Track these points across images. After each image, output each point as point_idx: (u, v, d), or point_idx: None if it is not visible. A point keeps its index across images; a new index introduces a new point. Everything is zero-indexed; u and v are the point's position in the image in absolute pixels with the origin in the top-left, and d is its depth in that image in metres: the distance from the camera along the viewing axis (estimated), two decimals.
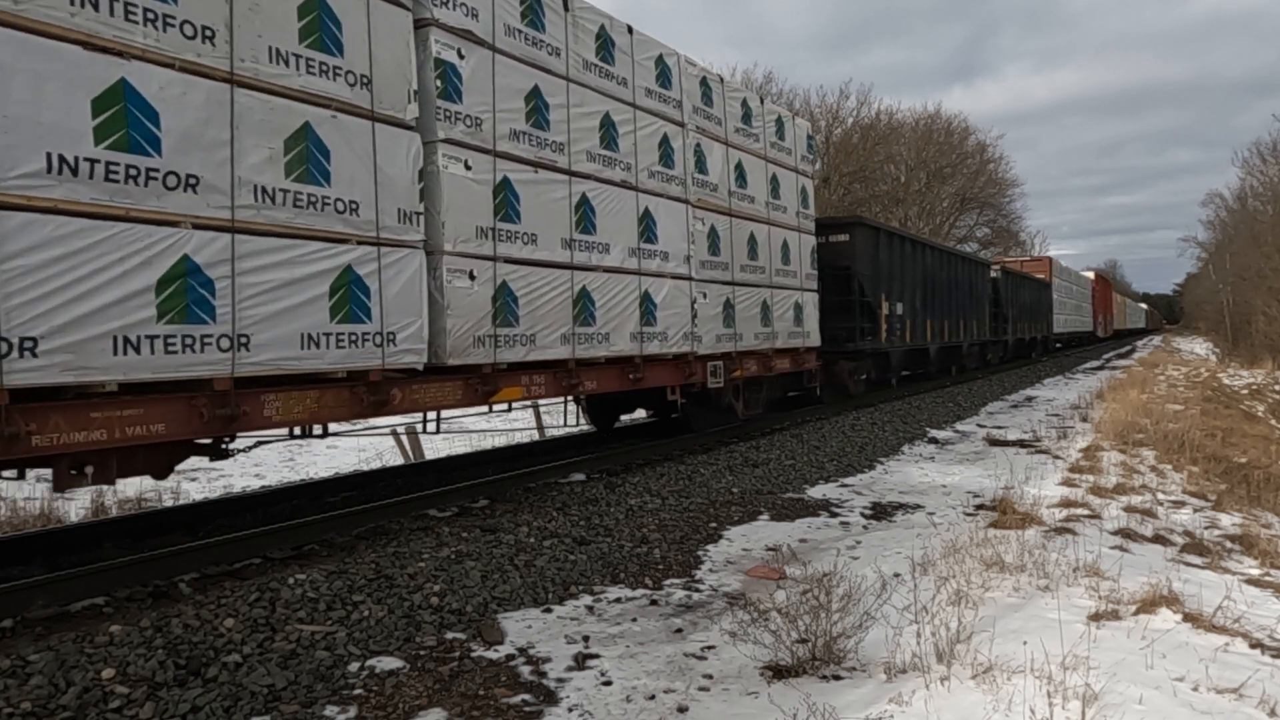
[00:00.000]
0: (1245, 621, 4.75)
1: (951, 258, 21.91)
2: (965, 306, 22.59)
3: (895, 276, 16.80)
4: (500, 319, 6.81)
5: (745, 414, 11.51)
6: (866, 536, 7.20)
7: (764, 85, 38.28)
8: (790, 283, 12.21)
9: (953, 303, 21.29)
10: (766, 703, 3.90)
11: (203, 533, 6.46)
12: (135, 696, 3.75)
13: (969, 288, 23.08)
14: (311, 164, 5.32)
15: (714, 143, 10.26)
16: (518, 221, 7.02)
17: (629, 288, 8.41)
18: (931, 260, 19.62)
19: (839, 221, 16.12)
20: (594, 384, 8.08)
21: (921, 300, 18.51)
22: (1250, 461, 11.77)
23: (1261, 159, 44.66)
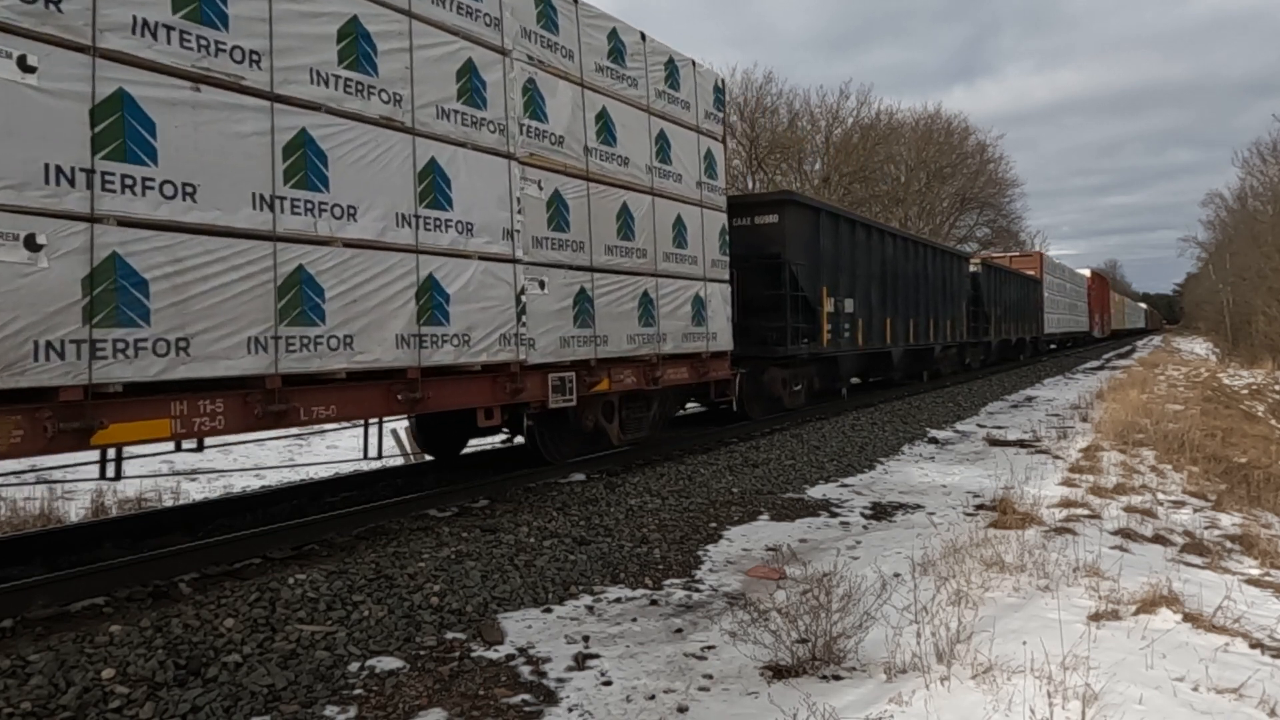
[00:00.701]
0: (1245, 621, 4.75)
1: (920, 248, 19.18)
2: (938, 304, 20.07)
3: (844, 268, 14.48)
4: (106, 315, 4.40)
5: (624, 439, 9.09)
6: (866, 536, 7.20)
7: (764, 85, 38.32)
8: (687, 271, 9.54)
9: (922, 300, 18.82)
10: (766, 703, 3.90)
11: (203, 533, 6.46)
12: (135, 696, 3.76)
13: (943, 283, 20.52)
14: None
15: (560, 81, 7.66)
16: (150, 163, 4.61)
17: (395, 271, 5.96)
18: (894, 250, 17.18)
19: (765, 199, 13.41)
20: (329, 409, 5.58)
21: (880, 296, 16.22)
22: (1250, 461, 11.77)
23: (1261, 159, 44.72)
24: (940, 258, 20.58)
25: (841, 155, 39.45)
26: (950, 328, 21.16)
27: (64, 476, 9.15)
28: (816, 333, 13.31)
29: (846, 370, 15.75)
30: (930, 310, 19.45)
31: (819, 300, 13.38)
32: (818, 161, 40.45)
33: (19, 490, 8.18)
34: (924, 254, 19.29)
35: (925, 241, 20.32)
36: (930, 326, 19.46)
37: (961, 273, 22.66)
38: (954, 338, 21.71)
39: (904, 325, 17.59)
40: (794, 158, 39.13)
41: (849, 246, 14.83)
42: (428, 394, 6.27)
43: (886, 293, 16.55)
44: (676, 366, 9.40)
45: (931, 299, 19.56)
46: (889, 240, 17.04)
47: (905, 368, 19.23)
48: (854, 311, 14.77)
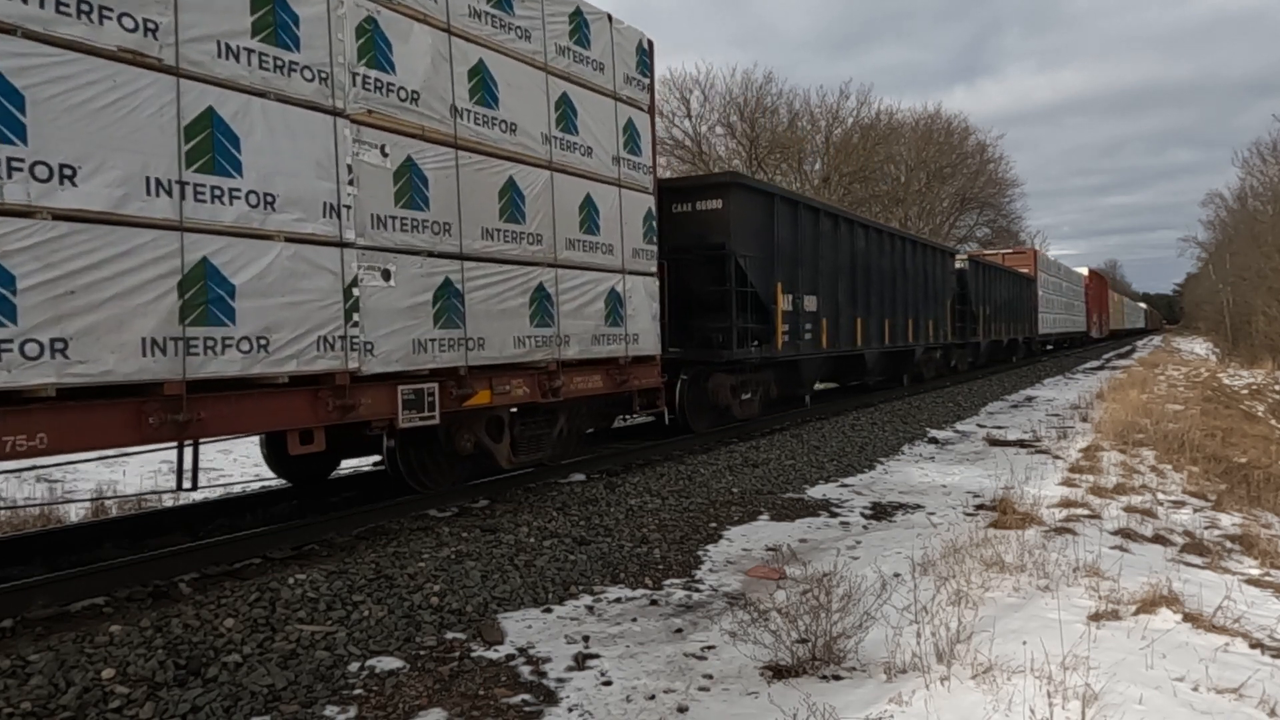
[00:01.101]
0: (1245, 621, 4.75)
1: (898, 241, 17.28)
2: (919, 303, 18.34)
3: (805, 261, 12.84)
4: None
5: (516, 460, 7.63)
6: (866, 536, 7.20)
7: (764, 85, 38.33)
8: (600, 261, 7.98)
9: (899, 298, 17.12)
10: (766, 703, 3.90)
11: (203, 533, 6.46)
12: (135, 696, 3.76)
13: (924, 280, 18.71)
14: None
15: (415, 24, 6.17)
16: None
17: (144, 253, 4.52)
18: (867, 243, 15.43)
19: (708, 182, 11.53)
20: (34, 441, 4.17)
21: (850, 293, 14.59)
22: (1250, 461, 11.77)
23: (1261, 159, 44.72)
24: (921, 252, 18.75)
25: (841, 155, 39.46)
26: (933, 328, 19.35)
27: (63, 476, 9.15)
28: (769, 334, 11.70)
29: (810, 375, 13.99)
30: (909, 309, 17.75)
31: (772, 297, 11.76)
32: (818, 161, 40.47)
33: (19, 490, 8.19)
34: (902, 248, 17.51)
35: (903, 234, 18.35)
36: (910, 327, 17.76)
37: (946, 269, 20.76)
38: (937, 339, 19.92)
39: (878, 325, 16.01)
40: (794, 158, 39.15)
41: (811, 237, 13.14)
42: (200, 414, 4.74)
43: (857, 290, 14.91)
44: (586, 374, 7.86)
45: (911, 297, 17.86)
46: (860, 231, 15.26)
47: (882, 371, 17.84)
48: (817, 310, 13.16)
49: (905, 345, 17.64)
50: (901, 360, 18.44)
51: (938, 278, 19.95)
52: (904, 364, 18.72)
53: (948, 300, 20.80)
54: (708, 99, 37.60)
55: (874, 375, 17.28)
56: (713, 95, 37.63)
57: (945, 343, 20.79)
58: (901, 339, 17.35)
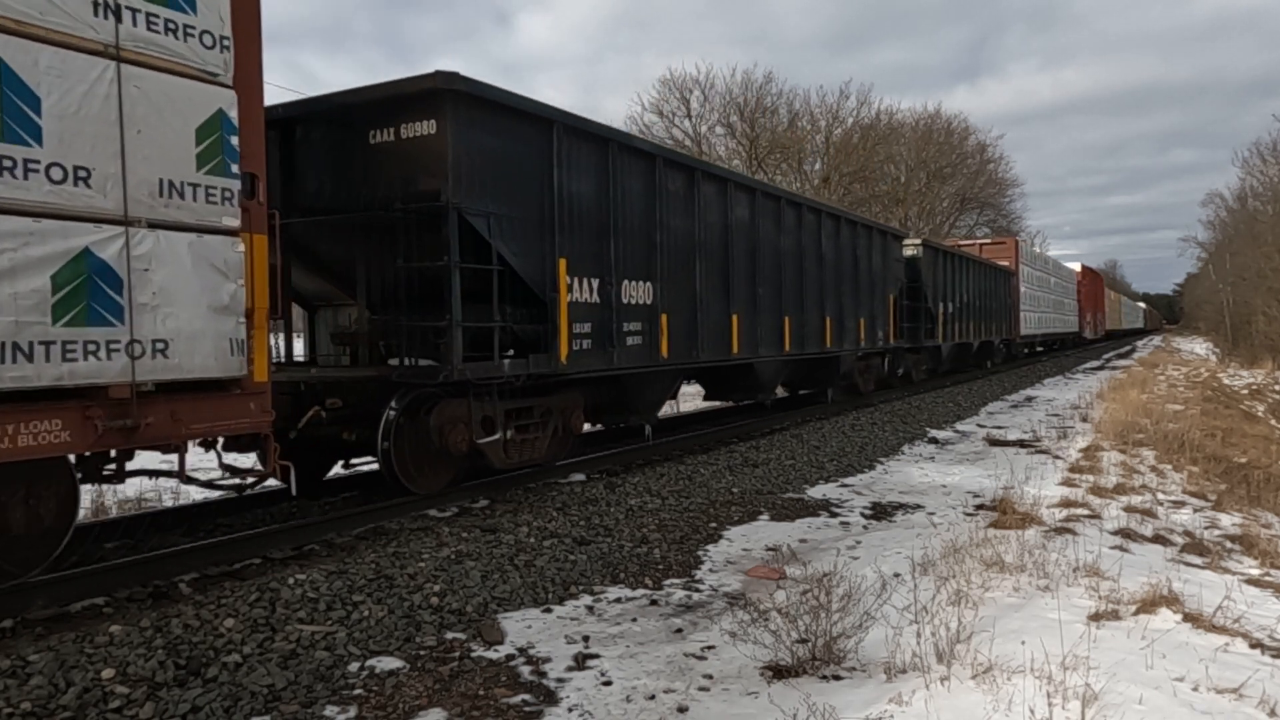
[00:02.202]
0: (1245, 621, 4.75)
1: (807, 214, 12.92)
2: (845, 297, 14.26)
3: (625, 229, 8.64)
4: None
5: None
6: (866, 536, 7.20)
7: (764, 85, 38.34)
8: (32, 199, 4.10)
9: (813, 289, 13.05)
10: (766, 703, 3.90)
11: (203, 533, 6.46)
12: (135, 696, 3.76)
13: (853, 267, 14.72)
14: None
15: None
16: None
17: None
18: (753, 212, 11.20)
19: (407, 90, 6.74)
20: None
21: (720, 281, 10.46)
22: (1250, 461, 11.77)
23: (1261, 159, 44.75)
24: (847, 231, 14.53)
25: (841, 155, 39.49)
26: (865, 329, 15.24)
27: None
28: (546, 338, 7.60)
29: (652, 396, 9.75)
30: (830, 305, 13.64)
31: (550, 282, 7.59)
32: (818, 161, 40.52)
33: None
34: (815, 224, 13.15)
35: (816, 205, 13.94)
36: (829, 327, 13.61)
37: (888, 255, 16.50)
38: (874, 342, 15.72)
39: (774, 325, 11.80)
40: (794, 158, 39.18)
41: (639, 195, 8.85)
42: None
43: (735, 276, 10.62)
44: None
45: (832, 289, 13.78)
46: (741, 196, 10.86)
47: (793, 384, 14.94)
48: (653, 303, 9.05)
49: (824, 351, 13.48)
50: (822, 369, 14.44)
51: (875, 266, 15.67)
52: (826, 374, 14.70)
53: (891, 294, 16.64)
54: (708, 99, 37.69)
55: (769, 390, 12.89)
56: (712, 95, 37.71)
57: (887, 346, 16.49)
58: (815, 343, 13.16)
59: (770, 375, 12.56)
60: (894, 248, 17.11)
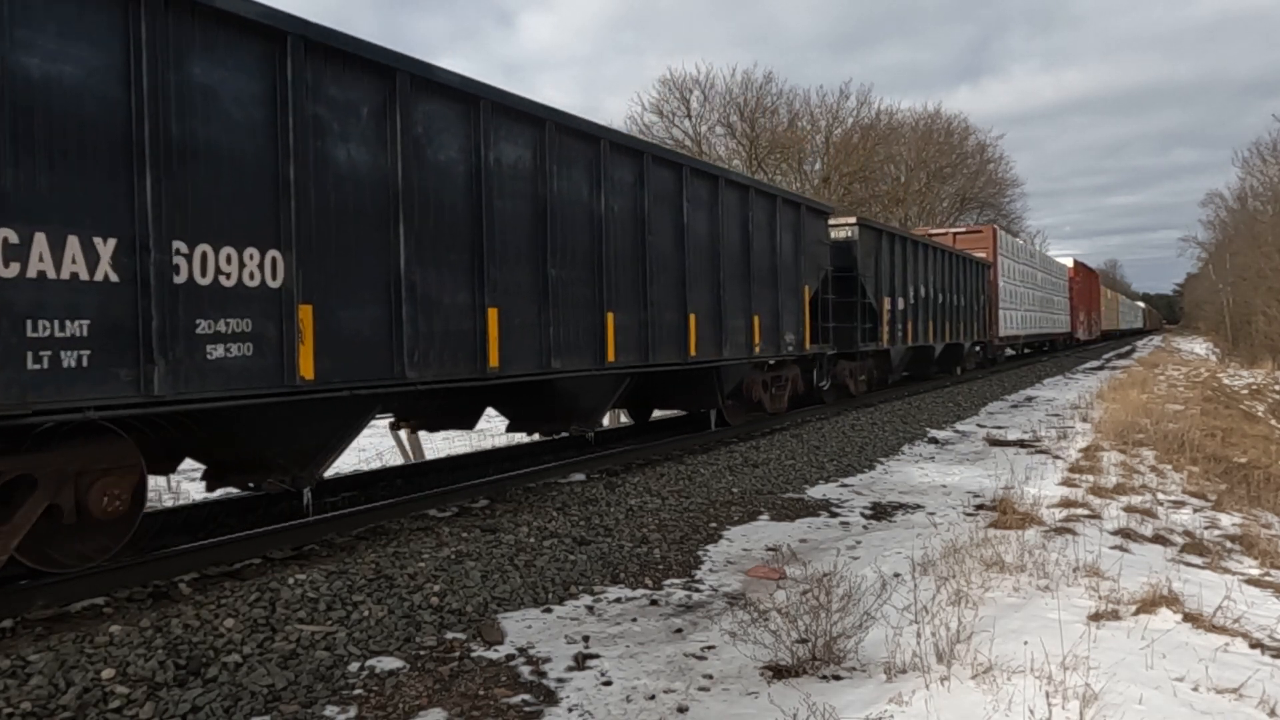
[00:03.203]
0: (1245, 621, 4.75)
1: (651, 166, 8.90)
2: (728, 286, 10.30)
3: (221, 159, 4.88)
4: None
5: None
6: (866, 536, 7.20)
7: (764, 85, 38.35)
8: None
9: (663, 275, 9.11)
10: (766, 703, 3.90)
11: (203, 533, 6.45)
12: (135, 696, 3.76)
13: (741, 247, 10.74)
14: None
15: None
16: None
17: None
18: (529, 151, 7.25)
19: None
20: None
21: (468, 256, 6.61)
22: (1250, 461, 11.78)
23: (1261, 159, 44.81)
24: (734, 199, 10.60)
25: (841, 155, 39.50)
26: (765, 330, 11.26)
27: None
28: None
29: (316, 437, 6.09)
30: (700, 297, 9.76)
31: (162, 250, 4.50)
32: (818, 161, 40.53)
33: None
34: (672, 182, 9.31)
35: (675, 157, 9.85)
36: (694, 328, 9.57)
37: (804, 235, 12.42)
38: (780, 346, 11.71)
39: (589, 325, 7.97)
40: (794, 158, 39.18)
41: (304, 128, 5.28)
42: None
43: (496, 250, 6.82)
44: None
45: (705, 276, 9.89)
46: (508, 127, 6.99)
47: (637, 403, 11.60)
48: (283, 285, 5.24)
49: (688, 361, 9.51)
50: (693, 386, 10.57)
51: (782, 248, 11.72)
52: (700, 392, 10.72)
53: (809, 285, 12.59)
54: (708, 99, 37.70)
55: (591, 418, 8.91)
56: (713, 95, 37.73)
57: (801, 352, 12.41)
58: (674, 350, 9.27)
59: (589, 397, 8.69)
60: (814, 226, 12.91)
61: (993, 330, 25.58)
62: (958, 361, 22.92)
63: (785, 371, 12.74)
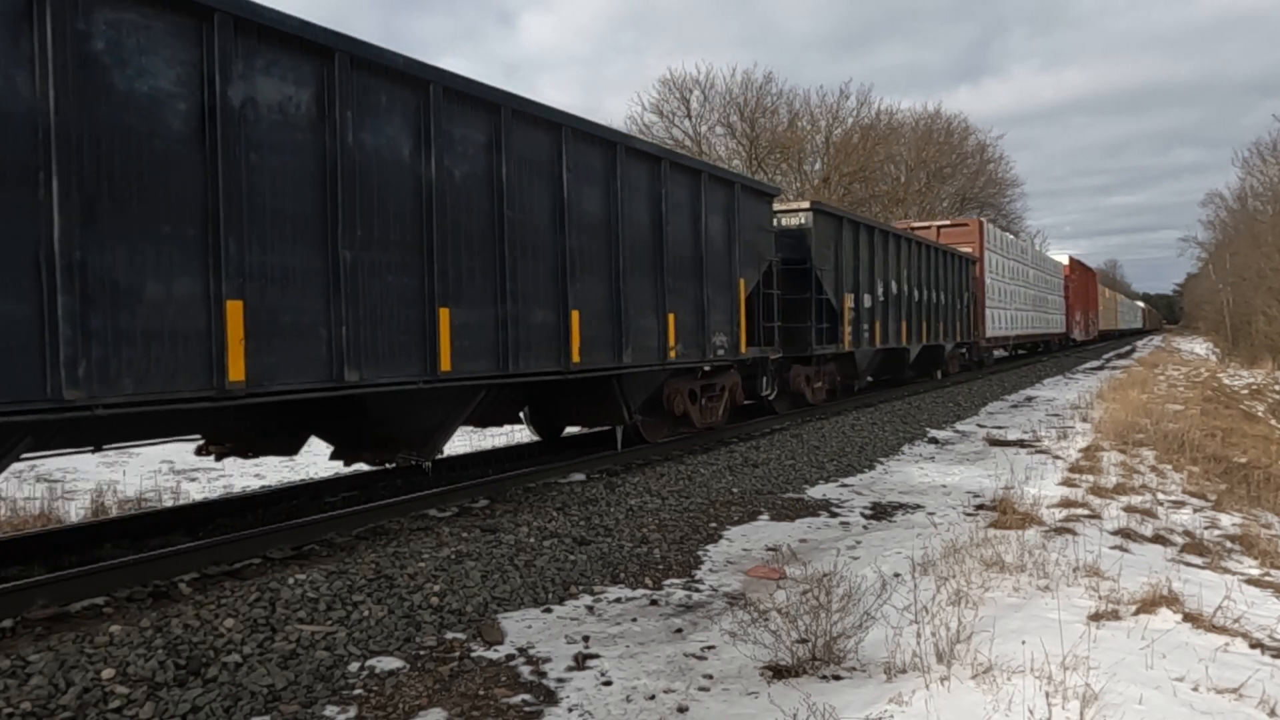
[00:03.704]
0: (1245, 621, 4.75)
1: (515, 127, 6.92)
2: (631, 278, 8.38)
3: None
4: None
5: None
6: (866, 536, 7.20)
7: (764, 85, 38.35)
8: None
9: (532, 262, 7.17)
10: (766, 703, 3.90)
11: (203, 533, 6.46)
12: (135, 696, 3.76)
13: (652, 231, 8.84)
14: None
15: None
16: None
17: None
18: (310, 98, 5.34)
19: None
20: None
21: (199, 234, 4.79)
22: (1250, 461, 11.78)
23: (1261, 159, 44.79)
24: (642, 173, 8.67)
25: (841, 155, 39.50)
26: (684, 330, 9.38)
27: (63, 476, 9.16)
28: None
29: None
30: (588, 289, 7.84)
31: None
32: (818, 161, 40.53)
33: (19, 490, 8.18)
34: (549, 147, 7.41)
35: (553, 116, 7.42)
36: (576, 328, 7.63)
37: (742, 220, 10.49)
38: (706, 349, 9.80)
39: (409, 322, 6.06)
40: (794, 158, 39.19)
41: None
42: None
43: (237, 226, 4.91)
44: None
45: (598, 264, 8.01)
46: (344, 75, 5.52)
47: (492, 419, 9.28)
48: None
49: (571, 370, 7.59)
50: (585, 398, 8.74)
51: (710, 234, 9.86)
52: (598, 406, 8.91)
53: (745, 279, 10.65)
54: (707, 99, 37.70)
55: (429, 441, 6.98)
56: (712, 95, 37.73)
57: (733, 357, 10.47)
58: (548, 356, 7.38)
59: (420, 416, 6.92)
60: (754, 210, 10.93)
61: (979, 330, 23.91)
62: (938, 365, 21.12)
63: (721, 379, 10.87)
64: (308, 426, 7.04)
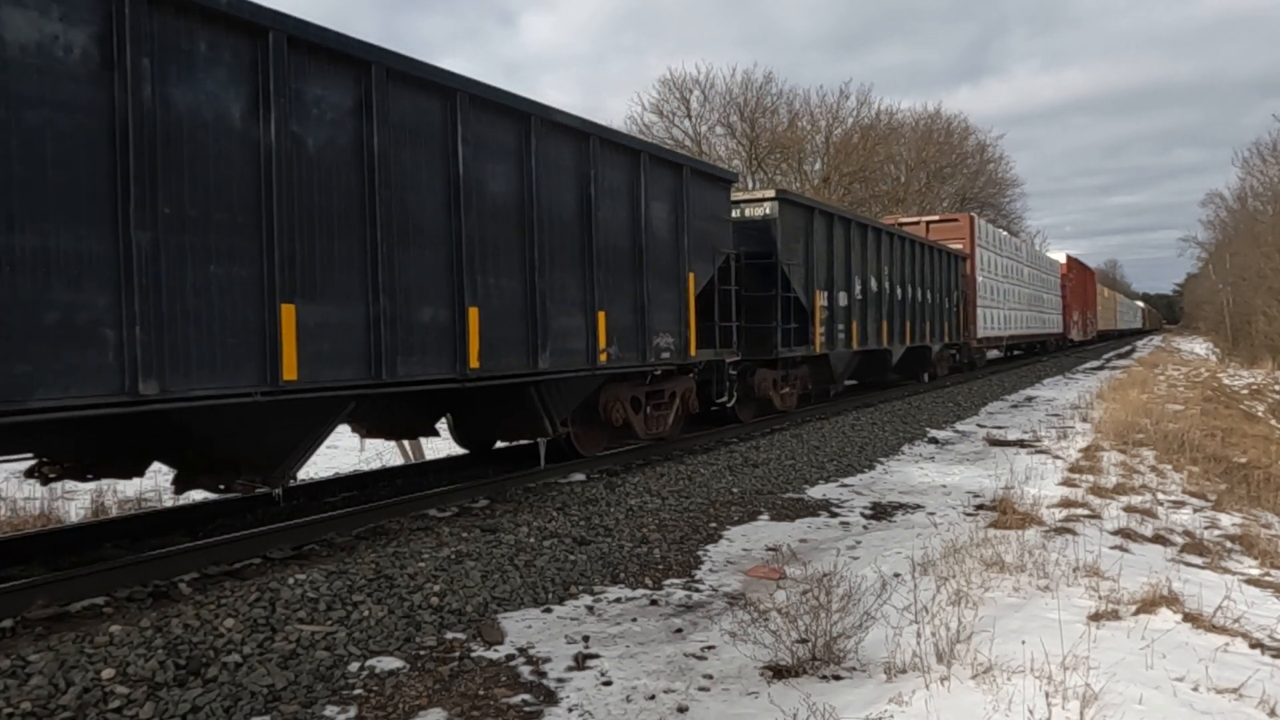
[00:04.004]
0: (1245, 621, 4.75)
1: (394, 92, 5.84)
2: (552, 268, 7.30)
3: None
4: None
5: None
6: (866, 536, 7.20)
7: (764, 85, 38.35)
8: None
9: (418, 250, 6.04)
10: (766, 703, 3.90)
11: (203, 533, 6.46)
12: (135, 696, 3.76)
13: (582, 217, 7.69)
14: None
15: None
16: None
17: None
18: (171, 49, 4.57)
19: None
20: None
21: None
22: (1250, 461, 11.78)
23: (1261, 159, 44.79)
24: (568, 151, 7.57)
25: (841, 155, 39.49)
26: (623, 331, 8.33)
27: None
28: None
29: None
30: (494, 281, 6.76)
31: None
32: (818, 161, 40.53)
33: (19, 490, 8.18)
34: (441, 120, 6.27)
35: (445, 81, 6.23)
36: (474, 326, 6.50)
37: (694, 207, 9.41)
38: (649, 352, 8.69)
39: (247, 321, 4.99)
40: (794, 158, 39.18)
41: None
42: None
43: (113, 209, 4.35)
44: None
45: (510, 251, 6.91)
46: (138, 11, 4.42)
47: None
48: None
49: (468, 376, 6.51)
50: (499, 408, 7.77)
51: (653, 223, 8.72)
52: (517, 416, 7.80)
53: (692, 271, 9.41)
54: (707, 99, 37.69)
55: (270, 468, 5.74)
56: (712, 95, 37.73)
57: (681, 360, 9.36)
58: (440, 359, 6.30)
59: (264, 436, 5.79)
60: (707, 197, 9.81)
61: (970, 331, 22.67)
62: (925, 367, 19.87)
63: (671, 385, 9.77)
64: (149, 449, 6.01)
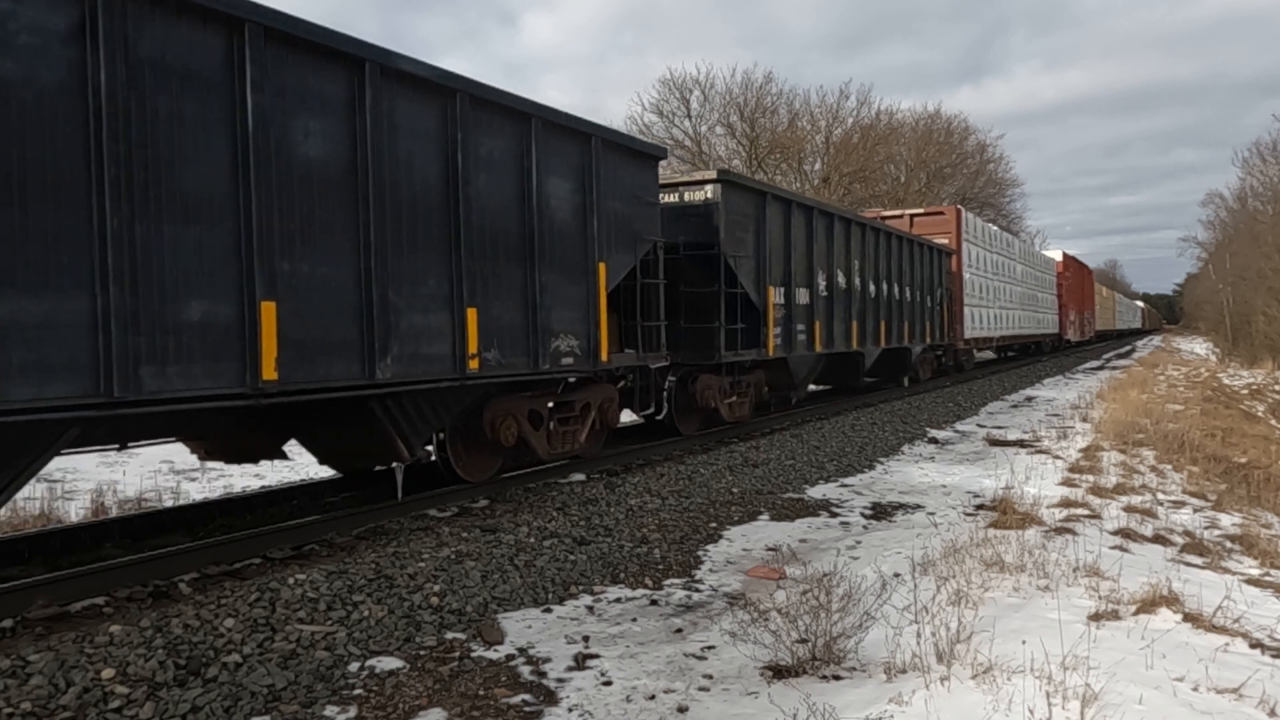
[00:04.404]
0: (1245, 621, 4.75)
1: (163, 20, 4.49)
2: (405, 260, 5.99)
3: None
4: None
5: None
6: (866, 536, 7.20)
7: (764, 85, 38.34)
8: None
9: (216, 233, 4.78)
10: (766, 703, 3.90)
11: (203, 533, 6.46)
12: (135, 696, 3.76)
13: (445, 192, 6.34)
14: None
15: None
16: None
17: None
18: None
19: None
20: None
21: None
22: (1250, 461, 11.78)
23: (1261, 159, 44.74)
24: (434, 110, 6.24)
25: (841, 155, 39.48)
26: (488, 331, 6.76)
27: (63, 476, 9.16)
28: None
29: None
30: (324, 272, 5.45)
31: None
32: (818, 161, 40.51)
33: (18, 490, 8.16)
34: (233, 50, 4.81)
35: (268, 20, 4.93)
36: (268, 326, 5.03)
37: (613, 188, 8.21)
38: (542, 357, 7.32)
39: None
40: (794, 158, 39.17)
41: None
42: None
43: None
44: None
45: (338, 235, 5.53)
46: None
47: None
48: None
49: (233, 391, 4.93)
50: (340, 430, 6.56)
51: (556, 204, 7.54)
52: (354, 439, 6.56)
53: (604, 260, 8.13)
54: (707, 99, 37.67)
55: None
56: (712, 95, 37.70)
57: (593, 367, 8.09)
58: (225, 364, 4.87)
59: None
60: (627, 174, 8.46)
61: (955, 331, 21.19)
62: (904, 370, 18.42)
63: (583, 395, 8.45)
64: None
